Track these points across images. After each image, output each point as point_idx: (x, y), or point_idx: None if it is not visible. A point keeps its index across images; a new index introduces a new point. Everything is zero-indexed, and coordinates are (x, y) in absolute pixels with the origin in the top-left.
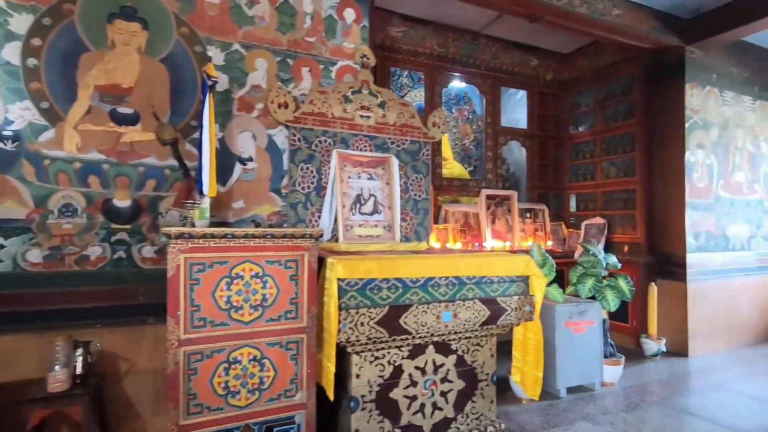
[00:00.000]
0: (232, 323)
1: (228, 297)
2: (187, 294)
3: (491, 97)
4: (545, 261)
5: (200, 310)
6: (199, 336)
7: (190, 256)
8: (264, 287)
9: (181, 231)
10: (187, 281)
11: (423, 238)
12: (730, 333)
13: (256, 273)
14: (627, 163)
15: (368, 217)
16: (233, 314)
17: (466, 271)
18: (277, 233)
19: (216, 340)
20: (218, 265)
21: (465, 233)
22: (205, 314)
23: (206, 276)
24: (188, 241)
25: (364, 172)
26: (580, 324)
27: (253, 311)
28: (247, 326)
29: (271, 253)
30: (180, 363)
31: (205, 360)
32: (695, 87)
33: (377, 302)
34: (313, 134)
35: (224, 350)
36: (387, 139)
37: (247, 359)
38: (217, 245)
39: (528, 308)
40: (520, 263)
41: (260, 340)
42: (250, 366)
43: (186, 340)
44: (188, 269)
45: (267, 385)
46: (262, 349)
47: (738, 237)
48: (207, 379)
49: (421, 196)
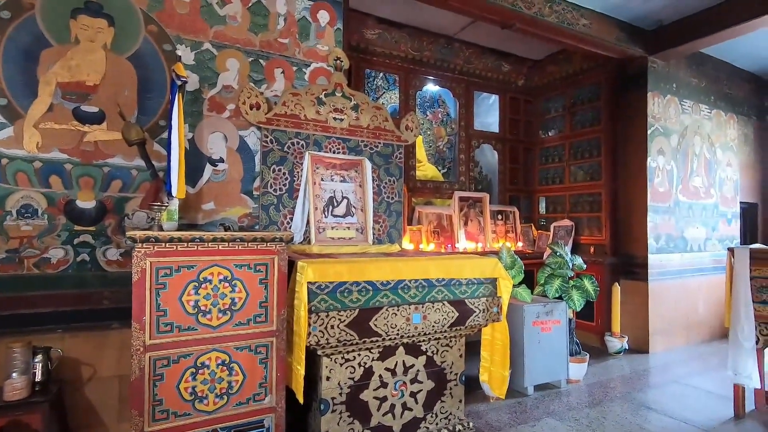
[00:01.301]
0: (200, 328)
1: (195, 301)
2: (152, 299)
3: (464, 100)
4: (514, 262)
5: (167, 314)
6: (165, 341)
7: (156, 261)
8: (233, 291)
9: (147, 235)
10: (153, 286)
11: (395, 241)
12: (687, 330)
13: (225, 277)
14: (593, 168)
15: (341, 220)
16: (201, 318)
17: (435, 274)
18: (247, 237)
19: (183, 344)
20: (185, 269)
21: (438, 235)
22: (171, 319)
23: (173, 280)
24: (154, 245)
25: (337, 175)
26: (547, 323)
27: (222, 315)
28: (215, 330)
29: (241, 257)
30: (145, 369)
31: (171, 365)
32: (657, 96)
33: (347, 305)
34: (286, 136)
35: (191, 355)
36: (360, 141)
37: (215, 364)
38: (184, 249)
39: (495, 309)
40: (488, 266)
41: (229, 344)
42: (219, 370)
43: (151, 346)
44: (154, 273)
45: (236, 389)
46: (231, 353)
47: (695, 239)
48: (173, 385)
49: (393, 199)
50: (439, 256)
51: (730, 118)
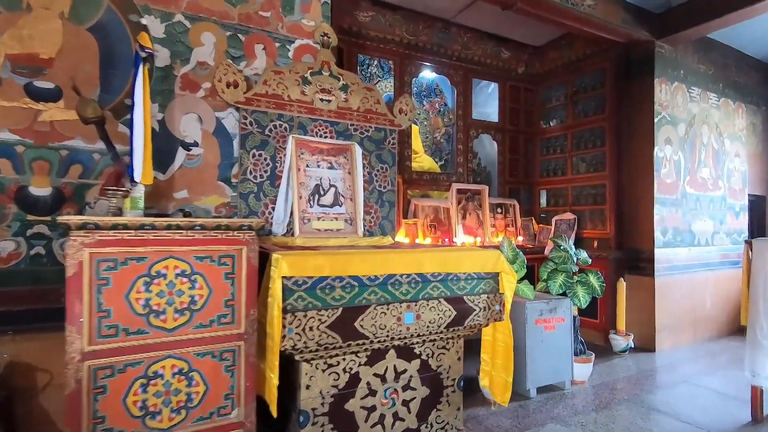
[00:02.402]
0: (152, 331)
1: (147, 300)
2: (93, 297)
3: (462, 88)
4: (516, 256)
5: (110, 315)
6: (108, 347)
7: (96, 252)
8: (192, 288)
9: (83, 221)
10: (92, 281)
11: (388, 233)
12: (694, 327)
13: (183, 271)
14: (597, 158)
15: (328, 210)
16: (153, 320)
17: (430, 268)
18: (208, 224)
19: (131, 351)
20: (134, 261)
21: (435, 228)
22: (116, 321)
23: (118, 275)
24: (94, 234)
25: (323, 161)
26: (550, 321)
27: (179, 316)
28: (170, 334)
29: (202, 248)
30: (83, 380)
31: (116, 375)
32: (664, 82)
33: (329, 303)
34: (267, 118)
35: (141, 363)
36: (349, 125)
37: (170, 373)
38: (132, 238)
39: (497, 307)
40: (489, 259)
41: (187, 350)
42: (175, 381)
43: (91, 353)
44: (94, 267)
45: (196, 402)
46: (190, 361)
47: (703, 233)
48: (119, 398)
49: (386, 188)
50: (434, 248)
51: (739, 107)
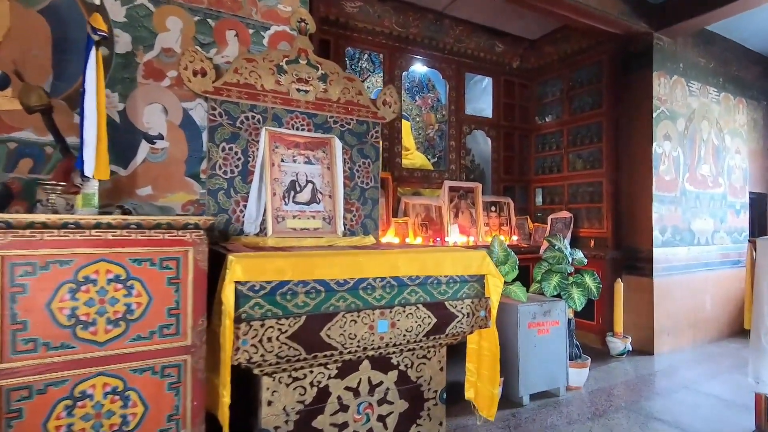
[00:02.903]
0: (79, 345)
1: (72, 309)
2: (5, 306)
3: (455, 82)
4: (507, 257)
5: (27, 328)
6: (24, 365)
7: (10, 254)
8: (128, 295)
9: None
10: (5, 289)
11: (371, 232)
12: (694, 329)
13: (117, 276)
14: (594, 155)
15: (304, 207)
16: (81, 332)
17: (407, 270)
18: (146, 222)
19: (53, 368)
20: (57, 265)
21: (426, 228)
22: (35, 334)
23: (38, 281)
24: (6, 234)
25: (300, 155)
26: (544, 325)
27: (112, 327)
28: (102, 348)
29: (140, 249)
30: None
31: (35, 397)
32: (663, 76)
33: (291, 311)
34: (239, 109)
35: (66, 382)
36: (329, 117)
37: (101, 393)
38: (54, 239)
39: (482, 313)
40: (473, 260)
41: (122, 366)
42: (107, 401)
43: (5, 372)
44: (8, 272)
45: (132, 425)
46: (126, 378)
47: (702, 231)
48: (38, 423)
49: (369, 184)
50: (413, 249)
51: (739, 102)
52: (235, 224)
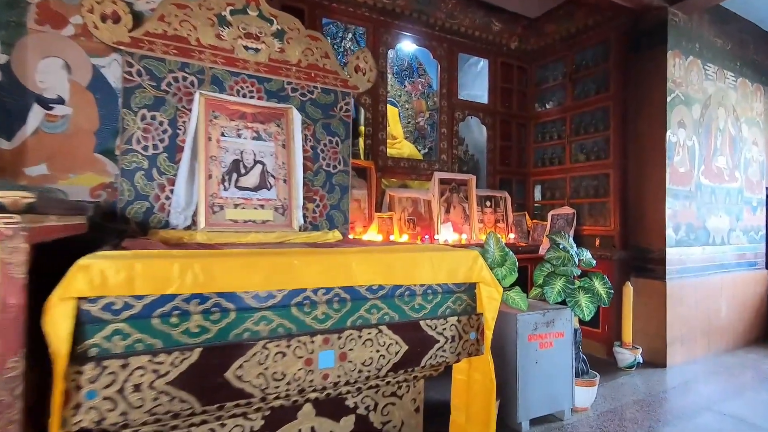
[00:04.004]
0: None
1: None
2: None
3: (447, 63)
4: (505, 257)
5: None
6: None
7: None
8: None
9: None
10: None
11: (338, 226)
12: (708, 337)
13: None
14: (599, 145)
15: (250, 194)
16: None
17: (366, 277)
18: None
19: None
20: None
21: (414, 224)
22: None
23: None
24: None
25: (247, 129)
26: (547, 337)
27: None
28: None
29: None
30: None
31: None
32: (678, 56)
33: (177, 342)
34: (165, 67)
35: None
36: (286, 83)
37: None
38: None
39: (473, 335)
40: (461, 263)
41: None
42: None
43: None
44: None
45: None
46: None
47: (718, 230)
48: None
49: (337, 167)
50: (377, 248)
51: (757, 89)
52: (159, 214)
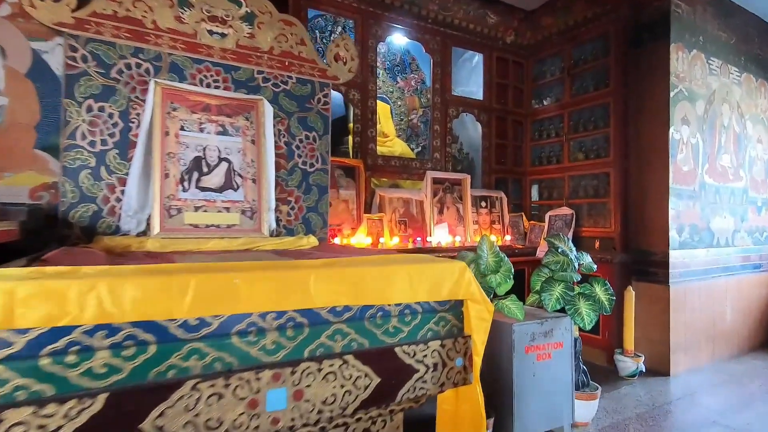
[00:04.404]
0: None
1: None
2: None
3: (440, 58)
4: (500, 263)
5: None
6: None
7: None
8: None
9: None
10: None
11: (316, 230)
12: (713, 343)
13: None
14: (599, 143)
15: (214, 195)
16: None
17: (327, 298)
18: None
19: None
20: None
21: (405, 226)
22: None
23: None
24: None
25: (211, 122)
26: (545, 348)
27: None
28: None
29: None
30: None
31: None
32: (681, 49)
33: (75, 386)
34: (115, 52)
35: None
36: (256, 72)
37: None
38: None
39: (459, 362)
40: (445, 277)
41: None
42: None
43: None
44: None
45: None
46: None
47: (722, 231)
48: None
49: (314, 166)
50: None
51: (762, 85)
52: (109, 218)
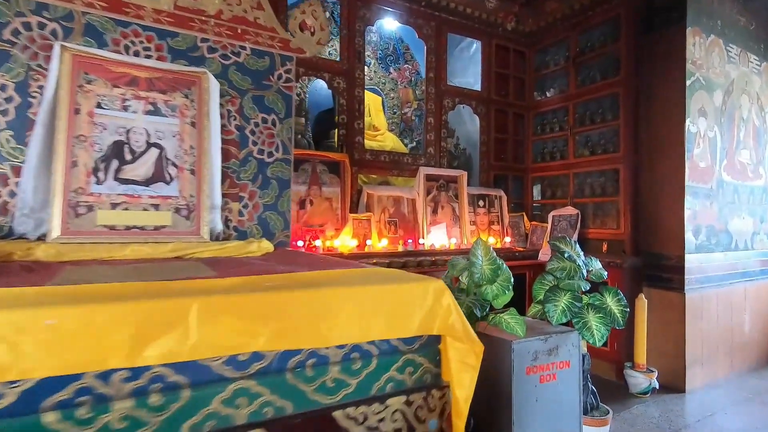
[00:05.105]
0: None
1: None
2: None
3: (435, 44)
4: (497, 272)
5: None
6: None
7: None
8: None
9: None
10: None
11: (275, 233)
12: (731, 355)
13: None
14: (607, 137)
15: (139, 189)
16: None
17: (224, 340)
18: None
19: None
20: None
21: (396, 226)
22: None
23: None
24: None
25: (138, 99)
26: (549, 368)
27: None
28: None
29: None
30: None
31: None
32: (698, 34)
33: None
34: (9, 8)
35: None
36: (200, 41)
37: None
38: None
39: (433, 425)
40: (413, 302)
41: None
42: None
43: None
44: None
45: None
46: None
47: (741, 233)
48: None
49: (273, 155)
50: (268, 277)
51: None
52: (0, 218)
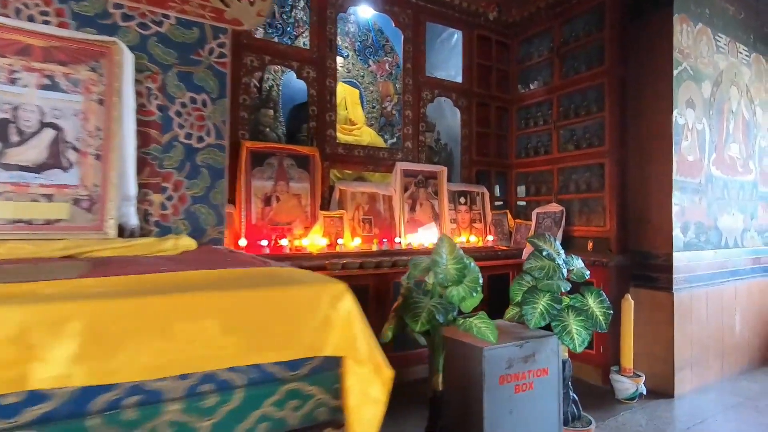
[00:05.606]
0: None
1: None
2: None
3: (412, 33)
4: (463, 272)
5: None
6: None
7: None
8: None
9: None
10: None
11: (206, 229)
12: (722, 357)
13: None
14: (592, 130)
15: (28, 177)
16: None
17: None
18: None
19: None
20: None
21: (370, 224)
22: None
23: None
24: None
25: (30, 71)
26: (525, 377)
27: None
28: None
29: None
30: None
31: None
32: (685, 21)
33: None
34: None
35: None
36: (112, 6)
37: None
38: None
39: None
40: (299, 312)
41: None
42: None
43: None
44: None
45: None
46: None
47: (730, 230)
48: None
49: (204, 140)
50: (93, 281)
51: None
52: None
